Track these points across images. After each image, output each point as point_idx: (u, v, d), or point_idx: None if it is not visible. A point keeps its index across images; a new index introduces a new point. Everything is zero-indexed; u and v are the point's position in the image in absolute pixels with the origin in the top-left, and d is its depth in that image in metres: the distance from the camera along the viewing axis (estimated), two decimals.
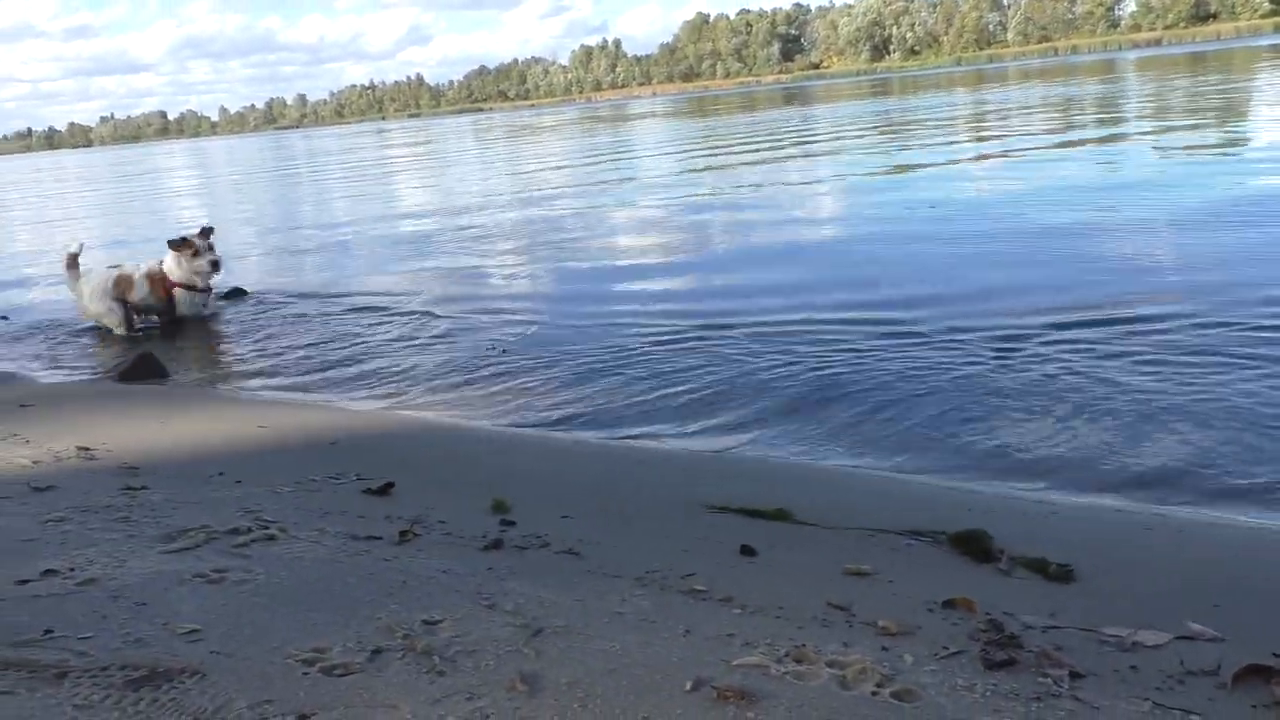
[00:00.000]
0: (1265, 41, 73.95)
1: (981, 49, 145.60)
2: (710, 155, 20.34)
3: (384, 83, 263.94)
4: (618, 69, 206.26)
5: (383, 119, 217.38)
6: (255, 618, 2.08)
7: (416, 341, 5.90)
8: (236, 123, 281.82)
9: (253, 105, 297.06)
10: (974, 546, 2.44)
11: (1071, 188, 10.14)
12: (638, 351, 5.22)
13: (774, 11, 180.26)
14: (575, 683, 1.76)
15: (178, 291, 7.17)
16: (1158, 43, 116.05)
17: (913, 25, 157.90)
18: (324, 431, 4.03)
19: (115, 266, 7.34)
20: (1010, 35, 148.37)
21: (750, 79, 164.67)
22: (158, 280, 7.15)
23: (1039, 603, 2.15)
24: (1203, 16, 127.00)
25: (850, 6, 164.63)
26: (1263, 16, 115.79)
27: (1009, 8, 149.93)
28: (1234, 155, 11.69)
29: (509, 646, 1.91)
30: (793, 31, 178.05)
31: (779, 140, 22.46)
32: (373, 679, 1.79)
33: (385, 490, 3.11)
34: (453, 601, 2.16)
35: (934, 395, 4.08)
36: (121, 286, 7.08)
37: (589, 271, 8.11)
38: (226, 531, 2.63)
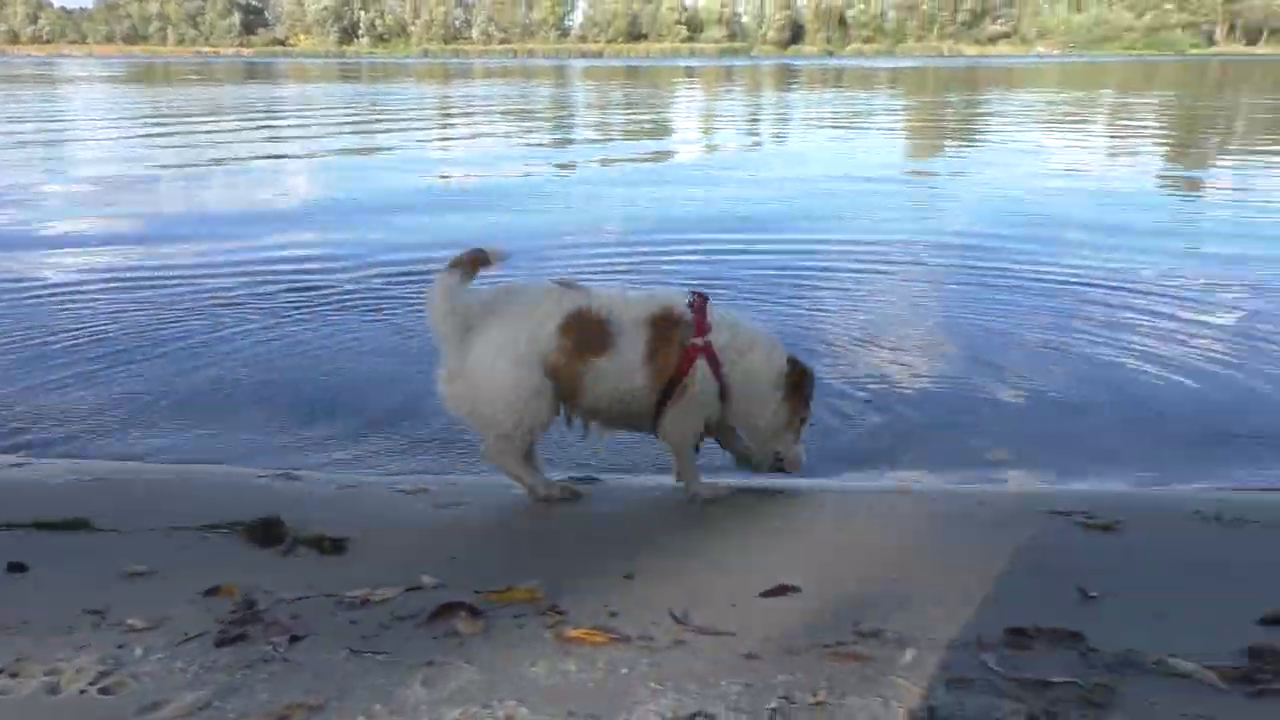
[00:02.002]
0: (682, 62, 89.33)
1: (448, 44, 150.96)
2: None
3: None
4: (40, 21, 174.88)
5: None
6: None
7: None
8: None
9: None
10: (265, 533, 2.62)
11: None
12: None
13: None
14: None
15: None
16: (600, 54, 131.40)
17: (381, 13, 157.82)
18: None
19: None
20: (475, 34, 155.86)
21: (207, 49, 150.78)
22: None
23: (310, 576, 2.39)
24: (636, 35, 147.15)
25: None
26: (681, 41, 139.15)
27: (474, 7, 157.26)
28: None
29: None
30: (255, 3, 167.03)
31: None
32: None
33: None
34: None
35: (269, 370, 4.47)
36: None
37: None
38: None
